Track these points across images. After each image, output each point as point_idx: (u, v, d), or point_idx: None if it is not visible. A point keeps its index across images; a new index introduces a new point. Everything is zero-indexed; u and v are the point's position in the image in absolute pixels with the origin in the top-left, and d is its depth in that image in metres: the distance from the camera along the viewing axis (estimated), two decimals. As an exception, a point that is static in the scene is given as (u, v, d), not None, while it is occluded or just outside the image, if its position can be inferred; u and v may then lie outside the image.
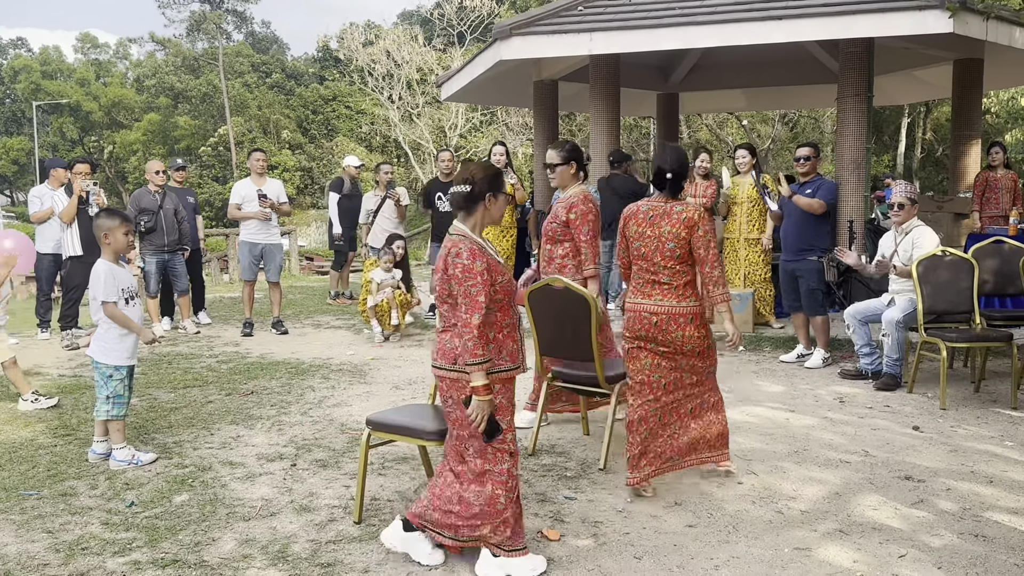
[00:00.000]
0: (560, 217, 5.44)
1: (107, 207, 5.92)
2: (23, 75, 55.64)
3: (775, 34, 8.69)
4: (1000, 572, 3.53)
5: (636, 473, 4.37)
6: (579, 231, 5.38)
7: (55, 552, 3.79)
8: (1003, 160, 10.49)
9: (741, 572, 3.55)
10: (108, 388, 4.95)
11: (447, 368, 3.53)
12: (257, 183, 9.43)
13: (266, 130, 46.27)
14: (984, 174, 10.48)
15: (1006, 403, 6.23)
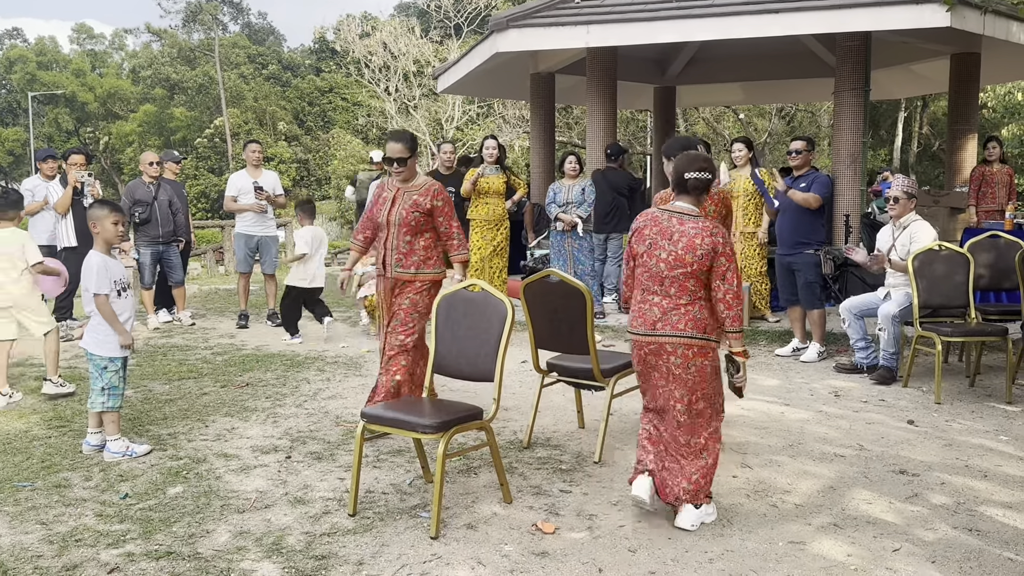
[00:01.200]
0: (424, 206, 5.33)
1: (100, 198, 5.90)
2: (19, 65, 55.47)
3: (772, 27, 8.69)
4: (994, 566, 3.53)
5: None
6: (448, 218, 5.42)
7: (49, 544, 3.78)
8: (1000, 155, 10.50)
9: (735, 566, 3.55)
10: (103, 380, 4.94)
11: (699, 337, 3.90)
12: (253, 175, 9.40)
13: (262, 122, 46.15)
14: (980, 168, 10.49)
15: (1001, 397, 6.24)
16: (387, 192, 5.42)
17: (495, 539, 3.82)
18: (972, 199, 10.34)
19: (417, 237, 5.33)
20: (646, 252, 4.02)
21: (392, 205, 5.33)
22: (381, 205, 5.41)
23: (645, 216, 4.13)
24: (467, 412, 4.07)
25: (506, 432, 5.42)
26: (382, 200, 5.42)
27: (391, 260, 5.34)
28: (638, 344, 4.04)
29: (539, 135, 12.42)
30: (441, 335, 4.34)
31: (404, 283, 5.34)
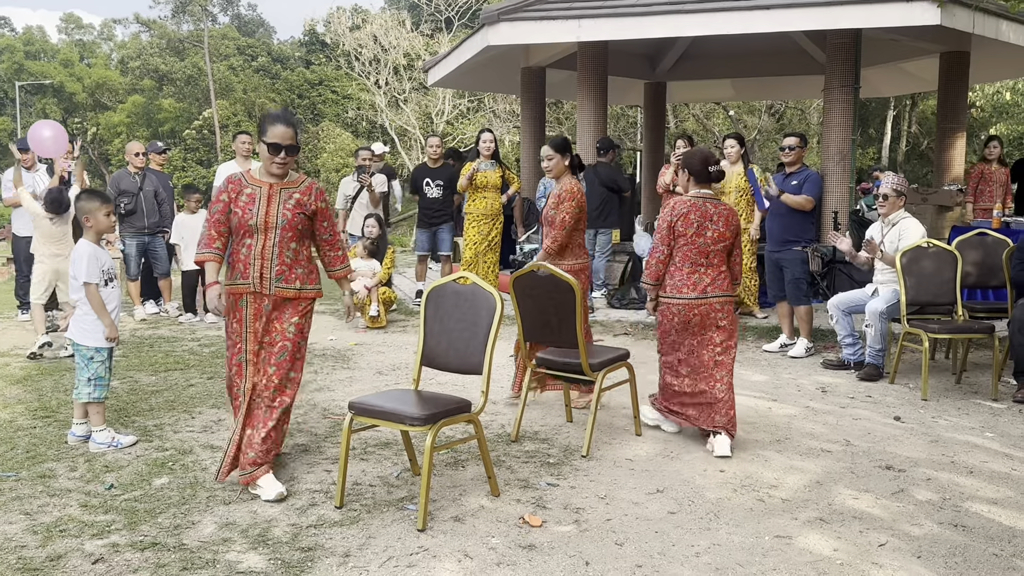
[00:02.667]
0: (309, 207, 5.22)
1: (87, 188, 5.88)
2: (6, 55, 55.01)
3: (763, 24, 8.71)
4: (979, 561, 3.55)
5: None
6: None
7: (32, 534, 3.76)
8: (1000, 155, 10.57)
9: (722, 559, 3.55)
10: (89, 370, 4.91)
11: (733, 294, 5.05)
12: (242, 166, 9.34)
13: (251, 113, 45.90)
14: (980, 166, 10.53)
15: (987, 394, 6.27)
16: (249, 188, 4.33)
17: (482, 532, 3.81)
18: (971, 196, 10.38)
19: (301, 245, 4.40)
20: (695, 233, 4.90)
21: (268, 205, 4.29)
22: (248, 204, 4.27)
23: (685, 204, 4.95)
24: (455, 405, 4.06)
25: (494, 425, 5.41)
26: (244, 199, 4.30)
27: (269, 272, 4.28)
28: (688, 307, 4.94)
29: (530, 130, 12.41)
30: (430, 328, 4.32)
31: (285, 301, 4.35)
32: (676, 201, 5.03)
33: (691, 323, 4.94)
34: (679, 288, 4.95)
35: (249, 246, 4.27)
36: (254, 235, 4.26)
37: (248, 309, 4.28)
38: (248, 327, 4.30)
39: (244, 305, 4.28)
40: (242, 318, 4.32)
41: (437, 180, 9.73)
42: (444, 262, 10.03)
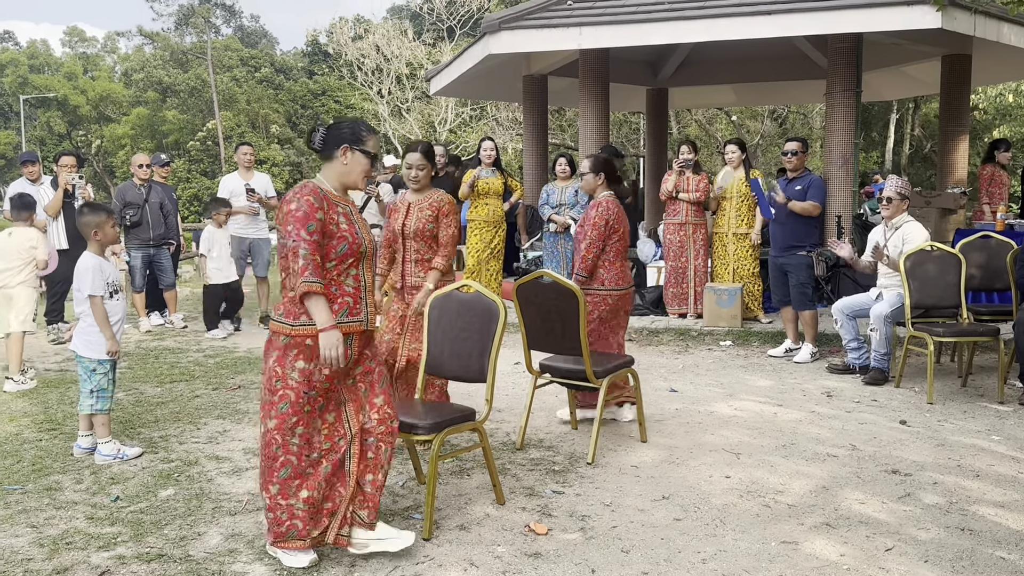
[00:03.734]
0: None
1: (88, 202, 5.92)
2: (10, 69, 55.25)
3: (764, 29, 8.71)
4: (986, 565, 3.54)
5: None
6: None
7: (39, 547, 3.76)
8: (1009, 159, 10.58)
9: (728, 566, 3.55)
10: (92, 382, 4.92)
11: None
12: (245, 177, 9.39)
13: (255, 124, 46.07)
14: (991, 169, 10.51)
15: (993, 397, 6.25)
16: (342, 207, 4.07)
17: (488, 540, 3.81)
18: (983, 197, 10.36)
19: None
20: (623, 230, 5.58)
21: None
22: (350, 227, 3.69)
23: (613, 203, 5.60)
24: (460, 413, 4.06)
25: (499, 433, 5.41)
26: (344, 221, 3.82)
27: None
28: (626, 296, 5.58)
29: (532, 137, 12.42)
30: (433, 336, 4.33)
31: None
32: (606, 201, 5.59)
33: (620, 310, 5.57)
34: (618, 280, 5.54)
35: (356, 276, 3.63)
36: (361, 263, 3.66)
37: (352, 350, 3.61)
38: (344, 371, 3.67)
39: (349, 345, 3.59)
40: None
41: None
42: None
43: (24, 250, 6.87)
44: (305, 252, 3.37)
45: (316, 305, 3.41)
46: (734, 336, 8.32)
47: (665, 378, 6.95)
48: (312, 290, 3.37)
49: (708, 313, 8.66)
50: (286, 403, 3.50)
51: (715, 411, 5.95)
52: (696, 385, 6.71)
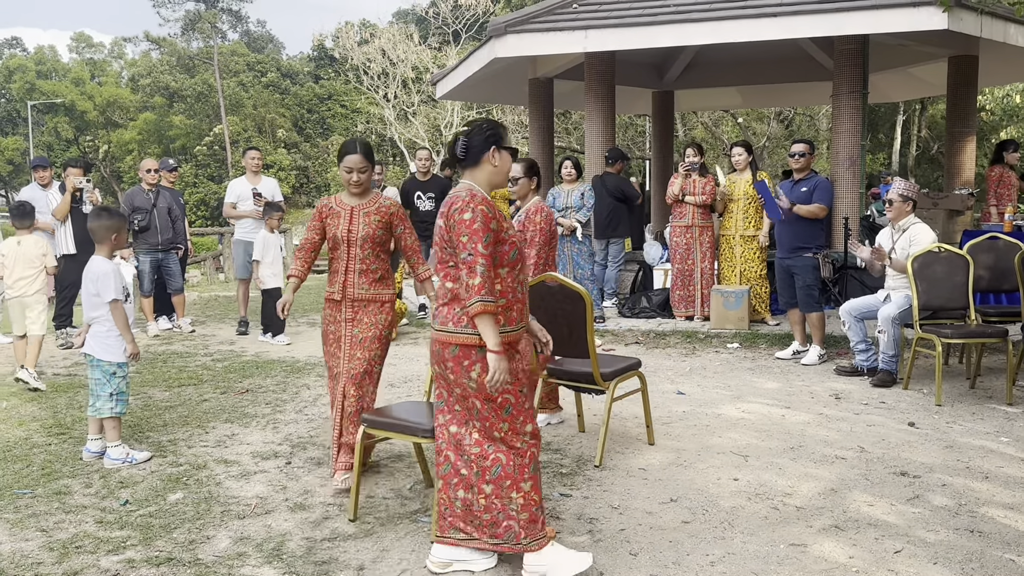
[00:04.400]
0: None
1: (105, 206, 5.96)
2: (18, 75, 55.50)
3: (770, 31, 8.71)
4: (996, 567, 3.53)
5: None
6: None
7: (49, 551, 3.78)
8: (1018, 160, 10.55)
9: (737, 568, 3.54)
10: (111, 385, 4.95)
11: None
12: (252, 181, 9.42)
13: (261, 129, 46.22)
14: (999, 170, 10.48)
15: (1001, 399, 6.23)
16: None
17: (496, 543, 3.80)
18: (992, 200, 10.34)
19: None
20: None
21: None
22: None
23: (547, 208, 5.52)
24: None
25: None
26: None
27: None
28: None
29: (538, 140, 12.44)
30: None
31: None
32: (547, 208, 5.53)
33: None
34: None
35: (522, 281, 3.56)
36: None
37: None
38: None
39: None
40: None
41: (428, 193, 9.80)
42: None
43: (36, 258, 7.09)
44: (483, 269, 3.28)
45: (489, 326, 3.30)
46: (741, 338, 8.32)
47: (672, 380, 6.95)
48: (488, 310, 3.27)
49: (715, 315, 8.66)
50: (508, 407, 3.45)
51: (723, 413, 5.94)
52: (703, 387, 6.71)
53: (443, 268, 3.46)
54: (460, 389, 3.43)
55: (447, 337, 3.41)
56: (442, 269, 3.47)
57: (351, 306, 4.56)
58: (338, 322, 4.59)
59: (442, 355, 3.45)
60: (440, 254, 3.47)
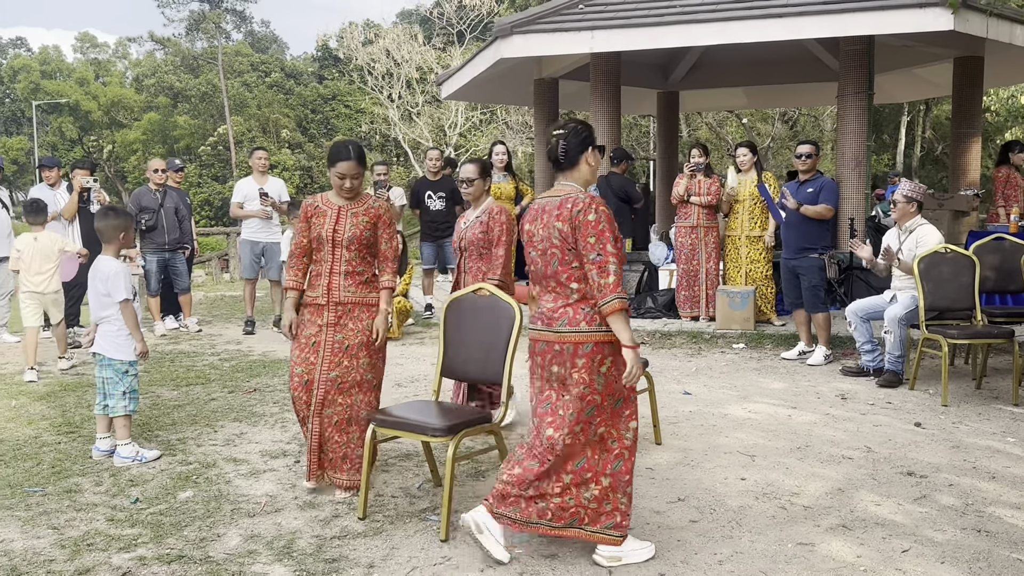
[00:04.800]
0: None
1: (112, 206, 6.02)
2: (22, 75, 55.60)
3: (775, 32, 8.71)
4: (1003, 567, 3.54)
5: None
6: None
7: (60, 548, 3.80)
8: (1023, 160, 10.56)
9: (745, 567, 3.56)
10: (124, 383, 4.99)
11: None
12: (259, 181, 9.45)
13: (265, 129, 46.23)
14: (1006, 171, 10.49)
15: (1008, 400, 6.24)
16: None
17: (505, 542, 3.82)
18: (999, 200, 10.33)
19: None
20: None
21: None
22: None
23: None
24: (476, 415, 4.09)
25: (513, 437, 5.43)
26: None
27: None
28: None
29: (543, 141, 12.44)
30: (450, 339, 4.35)
31: None
32: (506, 208, 5.52)
33: None
34: None
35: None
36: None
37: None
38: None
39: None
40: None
41: (439, 192, 9.81)
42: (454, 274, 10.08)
43: (53, 253, 7.27)
44: (615, 267, 3.42)
45: (625, 322, 3.44)
46: (747, 339, 8.33)
47: (679, 381, 6.96)
48: (624, 307, 3.41)
49: (720, 316, 8.67)
50: (621, 399, 3.61)
51: (729, 413, 5.95)
52: (709, 388, 6.72)
53: (566, 270, 3.53)
54: (581, 388, 3.50)
55: (580, 337, 3.49)
56: (564, 271, 3.53)
57: (335, 310, 4.37)
58: (318, 326, 4.37)
59: (572, 354, 3.51)
60: (561, 256, 3.53)
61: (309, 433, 4.41)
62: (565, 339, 3.52)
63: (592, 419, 3.54)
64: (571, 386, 3.52)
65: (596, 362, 3.49)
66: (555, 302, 3.57)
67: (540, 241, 3.58)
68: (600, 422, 3.56)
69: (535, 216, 3.63)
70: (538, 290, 3.70)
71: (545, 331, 3.58)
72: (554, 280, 3.56)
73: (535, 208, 3.67)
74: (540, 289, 3.67)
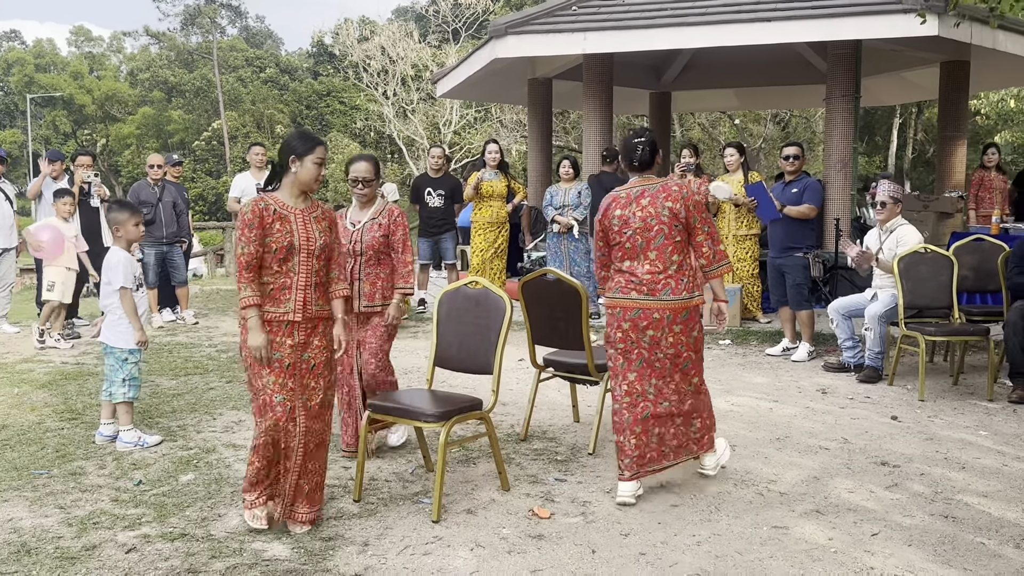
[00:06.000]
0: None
1: (117, 199, 6.19)
2: (16, 68, 55.53)
3: (764, 35, 8.91)
4: (967, 549, 3.73)
5: None
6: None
7: (68, 526, 3.97)
8: (998, 162, 10.77)
9: (722, 547, 3.74)
10: (124, 371, 5.15)
11: None
12: (257, 176, 9.60)
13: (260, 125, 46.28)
14: (980, 173, 10.71)
15: (983, 395, 6.44)
16: None
17: (494, 523, 4.01)
18: (972, 203, 10.55)
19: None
20: None
21: None
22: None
23: None
24: (468, 403, 4.27)
25: (503, 426, 5.61)
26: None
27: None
28: None
29: (537, 139, 12.63)
30: (442, 330, 4.53)
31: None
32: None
33: None
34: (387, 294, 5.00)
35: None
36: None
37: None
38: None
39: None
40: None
41: (439, 190, 9.95)
42: (450, 270, 10.26)
43: (71, 239, 8.08)
44: (719, 238, 4.55)
45: (723, 283, 4.56)
46: (733, 335, 8.52)
47: (665, 375, 7.13)
48: (731, 270, 4.74)
49: (707, 313, 8.83)
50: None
51: (713, 406, 6.12)
52: (695, 382, 6.89)
53: (670, 243, 4.28)
54: (674, 349, 4.32)
55: (683, 303, 4.32)
56: (668, 244, 4.28)
57: (306, 327, 3.96)
58: (290, 346, 3.91)
59: (672, 320, 4.30)
60: (668, 231, 4.29)
61: (288, 470, 3.93)
62: (667, 306, 4.27)
63: (689, 371, 4.37)
64: (667, 347, 4.29)
65: (689, 325, 4.31)
66: (652, 274, 4.28)
67: (640, 220, 4.29)
68: (694, 373, 4.40)
69: (626, 203, 4.36)
70: (627, 265, 4.34)
71: (645, 299, 4.28)
72: (656, 252, 4.28)
73: (621, 197, 4.40)
74: (630, 264, 4.33)
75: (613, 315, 4.39)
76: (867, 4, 8.57)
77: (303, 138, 4.02)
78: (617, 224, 4.36)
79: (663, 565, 3.58)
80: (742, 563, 3.60)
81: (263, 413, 3.89)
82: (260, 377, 3.90)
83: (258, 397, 3.92)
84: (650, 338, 4.29)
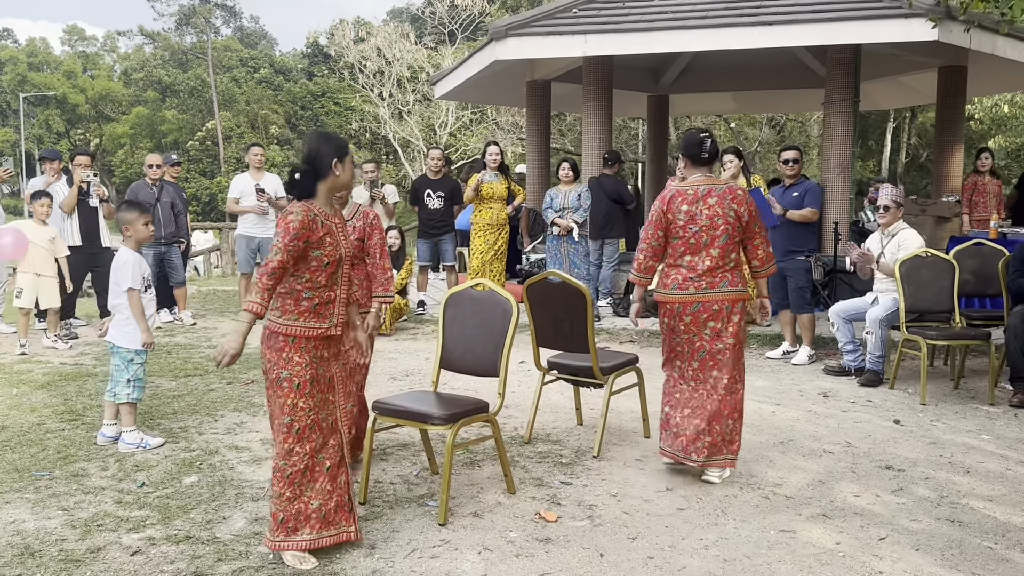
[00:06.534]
0: None
1: (127, 199, 6.17)
2: (9, 66, 55.41)
3: (764, 39, 8.92)
4: (974, 554, 3.73)
5: None
6: None
7: (72, 528, 3.94)
8: (991, 166, 10.79)
9: (730, 551, 3.74)
10: (129, 371, 5.13)
11: None
12: (255, 177, 9.58)
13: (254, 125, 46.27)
14: (973, 178, 10.74)
15: (984, 399, 6.45)
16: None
17: (500, 526, 3.99)
18: (965, 208, 10.58)
19: None
20: None
21: None
22: None
23: None
24: (474, 405, 4.25)
25: (507, 428, 5.59)
26: None
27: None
28: None
29: (535, 142, 12.62)
30: (448, 332, 4.52)
31: None
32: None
33: None
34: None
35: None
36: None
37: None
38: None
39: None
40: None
41: (438, 192, 9.93)
42: (449, 272, 10.24)
43: (45, 242, 7.86)
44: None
45: None
46: (733, 338, 8.50)
47: (666, 378, 7.12)
48: (776, 270, 4.92)
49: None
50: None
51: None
52: (696, 385, 6.89)
53: (731, 243, 4.54)
54: (722, 343, 4.55)
55: (737, 295, 4.57)
56: (730, 244, 4.54)
57: (339, 340, 3.84)
58: (327, 360, 3.74)
59: (730, 311, 4.56)
60: (731, 232, 4.54)
61: (342, 483, 3.73)
62: (727, 297, 4.54)
63: (739, 360, 4.61)
64: (727, 337, 4.53)
65: (737, 318, 4.55)
66: (711, 270, 4.53)
67: (707, 219, 4.51)
68: (734, 364, 4.59)
69: (693, 200, 4.55)
70: (688, 259, 4.55)
71: (706, 292, 4.53)
72: (718, 250, 4.52)
73: (687, 193, 4.57)
74: (690, 259, 4.54)
75: (672, 311, 4.63)
76: (869, 8, 8.59)
77: (334, 139, 3.74)
78: (683, 219, 4.54)
79: (672, 569, 3.57)
80: (751, 567, 3.59)
81: (300, 440, 3.63)
82: (301, 400, 3.61)
83: (294, 425, 3.63)
84: (712, 329, 4.54)
